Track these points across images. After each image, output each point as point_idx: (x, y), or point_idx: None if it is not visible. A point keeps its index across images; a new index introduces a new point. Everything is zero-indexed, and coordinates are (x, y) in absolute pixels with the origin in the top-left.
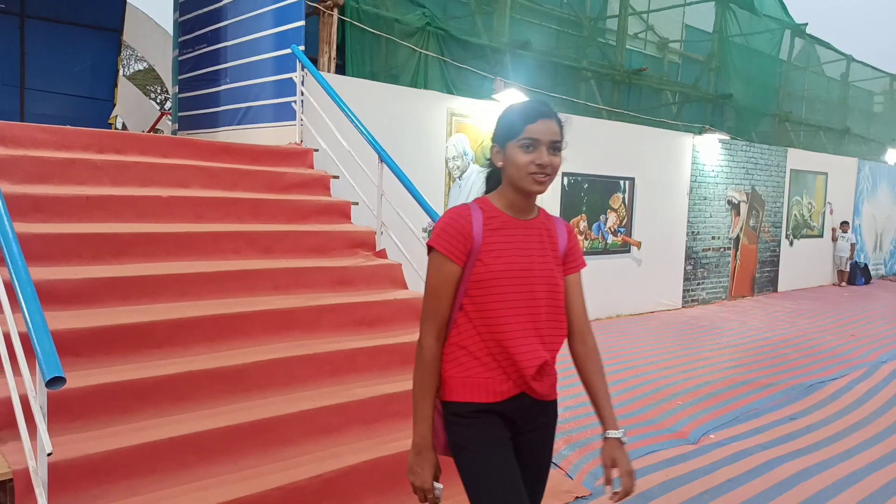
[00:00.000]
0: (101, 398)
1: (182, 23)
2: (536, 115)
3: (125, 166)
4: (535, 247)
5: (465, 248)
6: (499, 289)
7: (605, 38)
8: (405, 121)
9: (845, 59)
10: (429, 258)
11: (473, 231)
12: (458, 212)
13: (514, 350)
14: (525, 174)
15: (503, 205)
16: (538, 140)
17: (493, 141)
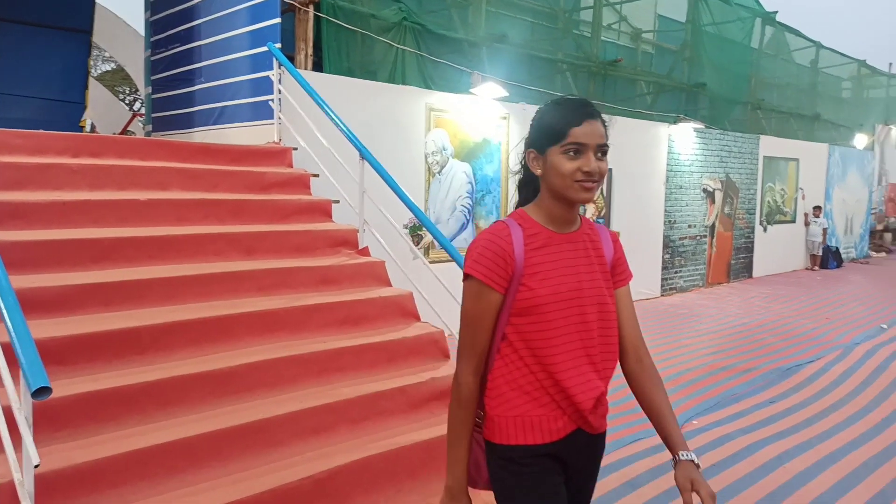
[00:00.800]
0: (88, 406)
1: (154, 22)
2: (581, 116)
3: (102, 170)
4: (581, 263)
5: (506, 273)
6: (546, 315)
7: (579, 30)
8: (384, 117)
9: (814, 45)
10: (465, 286)
11: (515, 252)
12: (496, 232)
13: (567, 382)
14: (571, 182)
15: (543, 218)
16: (585, 144)
17: (530, 147)
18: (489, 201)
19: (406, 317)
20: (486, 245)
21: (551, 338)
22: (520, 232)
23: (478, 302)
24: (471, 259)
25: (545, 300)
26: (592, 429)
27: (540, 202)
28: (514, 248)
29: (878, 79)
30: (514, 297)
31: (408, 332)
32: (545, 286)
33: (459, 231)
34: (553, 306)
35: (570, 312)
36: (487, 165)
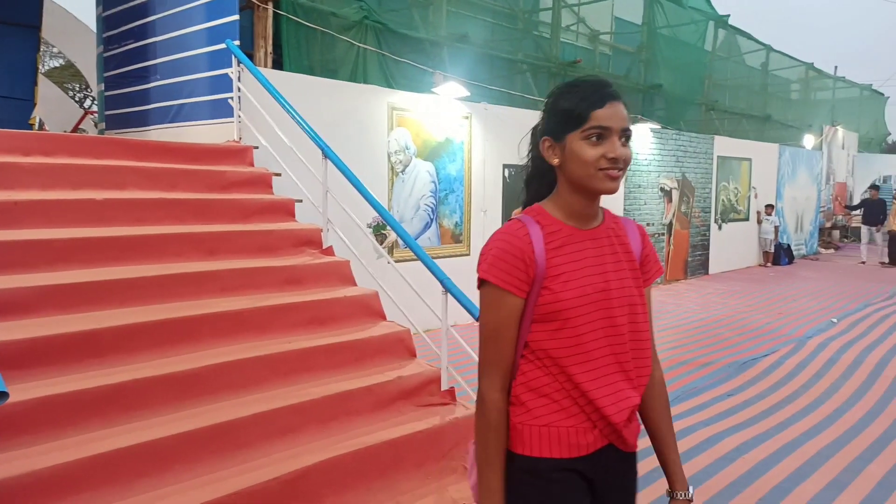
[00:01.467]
0: (47, 411)
1: (106, 18)
2: (603, 97)
3: (55, 169)
4: (608, 261)
5: (527, 275)
6: (572, 321)
7: (539, 31)
8: (346, 116)
9: (764, 48)
10: (481, 293)
11: (535, 253)
12: (512, 231)
13: (597, 394)
14: (594, 171)
15: (563, 214)
16: (608, 128)
17: (545, 134)
18: (452, 200)
19: (372, 316)
20: (502, 246)
21: (577, 345)
22: (538, 230)
23: (498, 310)
24: (486, 263)
25: (570, 304)
26: (626, 445)
27: (558, 196)
28: (535, 249)
29: (825, 81)
30: (536, 302)
31: (374, 331)
32: (569, 289)
33: (423, 230)
34: (579, 311)
35: (597, 317)
36: (450, 165)
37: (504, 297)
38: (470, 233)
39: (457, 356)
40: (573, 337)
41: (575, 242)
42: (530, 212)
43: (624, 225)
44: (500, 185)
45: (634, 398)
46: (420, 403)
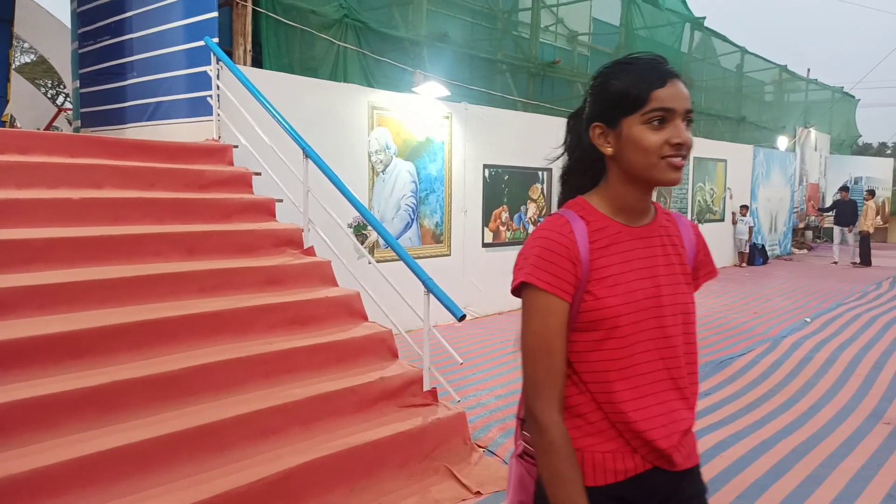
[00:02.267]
0: (25, 413)
1: (81, 13)
2: (664, 75)
3: (31, 167)
4: (660, 264)
5: (573, 276)
6: (618, 331)
7: (518, 31)
8: (326, 115)
9: (739, 50)
10: (524, 301)
11: (580, 251)
12: (554, 227)
13: (642, 415)
14: (656, 160)
15: (611, 209)
16: (672, 110)
17: (595, 119)
18: (433, 200)
19: (354, 316)
20: (544, 244)
21: (624, 358)
22: (582, 226)
23: (545, 318)
24: (527, 264)
25: (616, 311)
26: (676, 466)
27: (607, 188)
28: (579, 247)
29: (798, 83)
30: (577, 308)
31: (356, 331)
32: (616, 294)
33: (404, 230)
34: (626, 319)
35: (647, 326)
36: (431, 164)
37: (551, 302)
38: (450, 233)
39: (439, 357)
40: (619, 349)
41: (623, 241)
42: (573, 206)
43: (677, 221)
44: (481, 185)
45: (689, 419)
46: (402, 404)
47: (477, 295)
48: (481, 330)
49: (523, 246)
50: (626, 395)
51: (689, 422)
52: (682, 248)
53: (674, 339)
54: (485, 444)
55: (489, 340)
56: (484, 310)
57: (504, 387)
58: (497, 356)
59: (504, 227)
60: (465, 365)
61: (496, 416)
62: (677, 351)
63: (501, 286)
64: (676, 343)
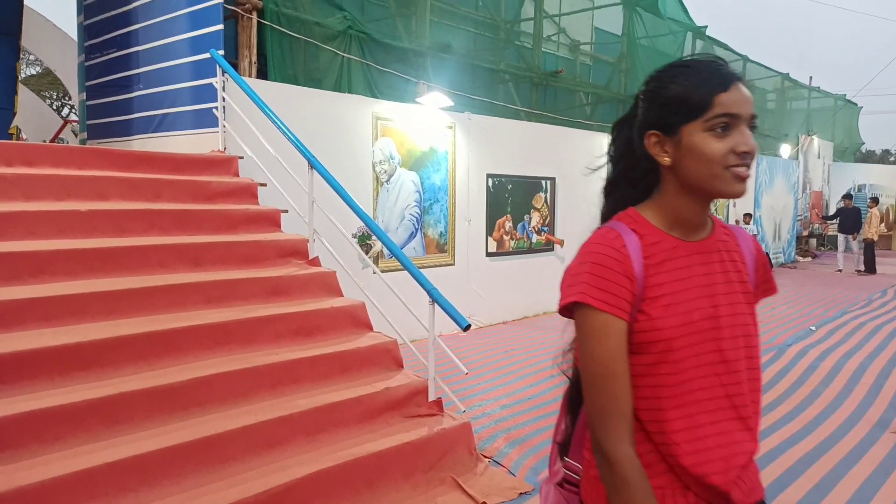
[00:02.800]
0: (30, 425)
1: (88, 26)
2: (726, 78)
3: (37, 179)
4: (718, 281)
5: (629, 293)
6: (674, 354)
7: (520, 41)
8: (330, 125)
9: (741, 59)
10: (578, 323)
11: (634, 267)
12: (605, 240)
13: (695, 446)
14: (720, 170)
15: (665, 222)
16: (737, 116)
17: (651, 127)
18: (437, 210)
19: (358, 327)
20: (597, 259)
21: (679, 384)
22: (636, 240)
23: (604, 339)
24: (579, 281)
25: (671, 334)
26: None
27: (661, 200)
28: (633, 262)
29: (800, 91)
30: (631, 328)
31: (361, 342)
32: (672, 314)
33: (408, 240)
34: (682, 342)
35: (705, 349)
36: (435, 174)
37: (609, 323)
38: (454, 242)
39: (443, 366)
40: (673, 374)
41: (680, 257)
42: (623, 218)
43: (736, 235)
44: (484, 194)
45: (752, 450)
46: (407, 414)
47: (481, 304)
48: (485, 339)
49: (571, 262)
50: (679, 424)
51: (751, 453)
52: (743, 263)
53: (735, 363)
54: (490, 455)
55: (493, 350)
56: (488, 319)
57: (509, 396)
58: (502, 366)
59: (508, 237)
60: (470, 375)
61: (501, 425)
62: (740, 377)
63: (505, 295)
64: (738, 368)
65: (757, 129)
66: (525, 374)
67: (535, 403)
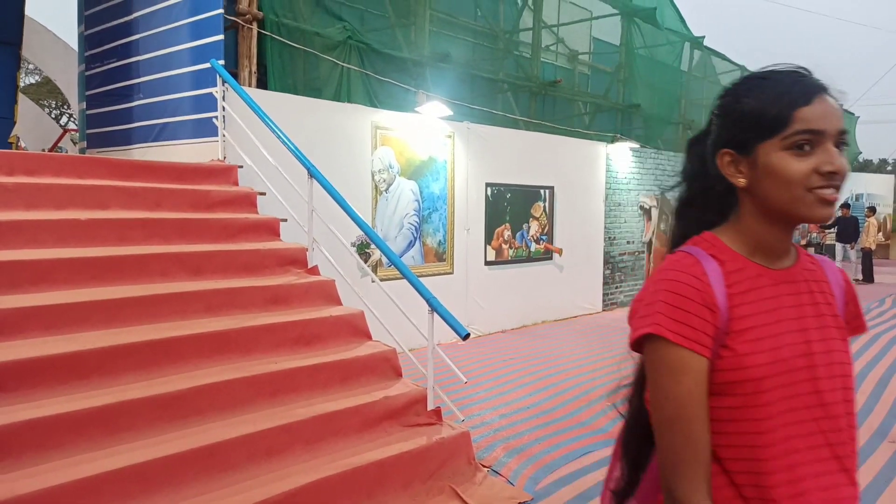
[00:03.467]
0: (32, 434)
1: (88, 36)
2: (809, 90)
3: (39, 188)
4: (808, 315)
5: (711, 326)
6: (765, 396)
7: (519, 51)
8: (330, 134)
9: (738, 69)
10: (649, 357)
11: (716, 297)
12: (683, 266)
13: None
14: (802, 192)
15: (746, 247)
16: (821, 132)
17: (724, 145)
18: (436, 219)
19: (357, 335)
20: (673, 287)
21: (772, 430)
22: (716, 267)
23: (681, 378)
24: (652, 311)
25: (762, 372)
26: None
27: (739, 224)
28: (715, 291)
29: None
30: (713, 366)
31: (360, 350)
32: (760, 350)
33: (407, 248)
34: (772, 381)
35: (799, 390)
36: (434, 183)
37: (686, 359)
38: (453, 251)
39: (442, 375)
40: (766, 419)
41: (765, 286)
42: (699, 243)
43: (823, 266)
44: (483, 203)
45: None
46: (406, 423)
47: (480, 313)
48: (484, 348)
49: (642, 290)
50: (780, 478)
51: (853, 500)
52: (832, 296)
53: (834, 406)
54: (489, 464)
55: (492, 359)
56: (487, 328)
57: (507, 406)
58: (500, 375)
59: (506, 246)
60: (469, 384)
61: (500, 435)
62: (839, 422)
63: (504, 304)
64: (837, 412)
65: None
66: (524, 384)
67: (533, 413)
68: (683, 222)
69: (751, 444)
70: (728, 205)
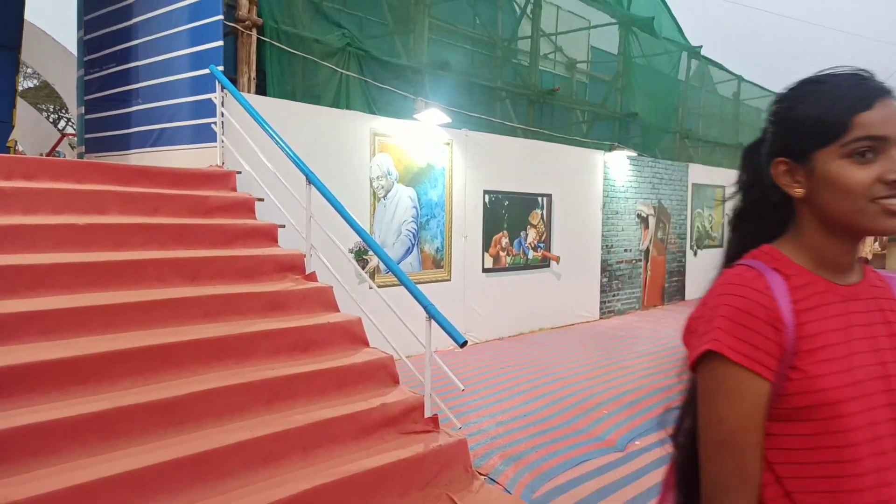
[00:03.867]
0: (27, 439)
1: (88, 41)
2: (870, 94)
3: (37, 193)
4: (881, 334)
5: (776, 346)
6: (842, 422)
7: (517, 59)
8: (328, 141)
9: (736, 78)
10: (704, 375)
11: (783, 314)
12: (745, 280)
13: None
14: (865, 203)
15: (811, 261)
16: (885, 138)
17: (779, 153)
18: (434, 226)
19: (355, 342)
20: (735, 302)
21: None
22: (780, 281)
23: (738, 400)
24: (712, 327)
25: (839, 395)
26: None
27: (799, 236)
28: (781, 307)
29: None
30: (780, 389)
31: (357, 357)
32: (834, 371)
33: (405, 255)
34: (853, 406)
35: (879, 417)
36: (432, 190)
37: (746, 381)
38: (451, 258)
39: (439, 382)
40: (846, 447)
41: (834, 303)
42: (759, 256)
43: (890, 285)
44: (481, 210)
45: None
46: (403, 431)
47: (477, 320)
48: (481, 355)
49: (698, 307)
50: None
51: None
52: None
53: None
54: (486, 472)
55: (490, 366)
56: (484, 335)
57: (505, 413)
58: (497, 382)
59: (504, 253)
60: (466, 391)
61: (497, 442)
62: None
63: (501, 312)
64: None
65: None
66: (521, 391)
67: (531, 420)
68: (739, 235)
69: (833, 474)
70: (786, 216)
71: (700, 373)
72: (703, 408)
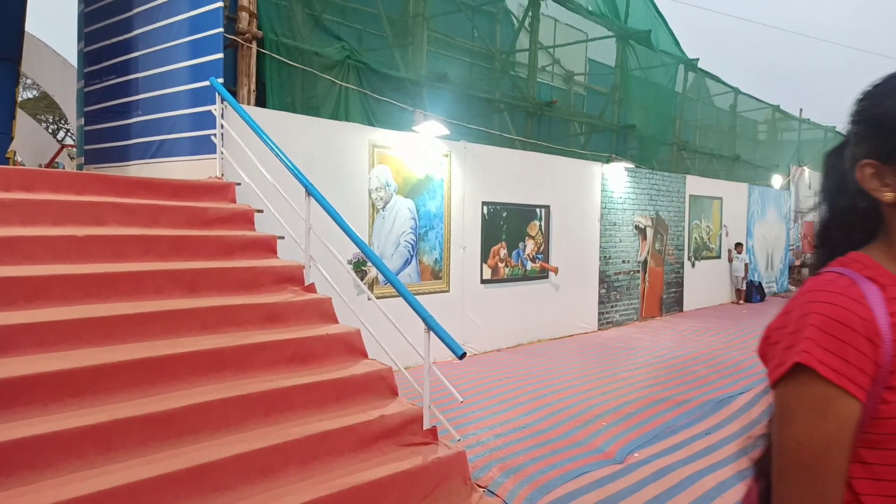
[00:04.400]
0: (23, 452)
1: (88, 53)
2: None
3: (35, 204)
4: None
5: (871, 363)
6: None
7: (515, 72)
8: (328, 152)
9: (733, 91)
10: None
11: (880, 328)
12: (839, 289)
13: None
14: None
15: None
16: None
17: (866, 155)
18: (432, 237)
19: (353, 354)
20: (829, 312)
21: None
22: (876, 292)
23: (822, 420)
24: (801, 339)
25: None
26: None
27: (891, 244)
28: (879, 322)
29: (791, 122)
30: (872, 412)
31: (355, 369)
32: None
33: (403, 266)
34: None
35: None
36: (430, 202)
37: (835, 399)
38: (449, 269)
39: (438, 394)
40: None
41: None
42: (849, 264)
43: None
44: (479, 221)
45: None
46: (402, 443)
47: (476, 331)
48: (480, 367)
49: (780, 316)
50: None
51: None
52: None
53: None
54: (485, 484)
55: (488, 378)
56: (483, 346)
57: (504, 425)
58: (496, 394)
59: (503, 264)
60: (465, 402)
61: (496, 454)
62: None
63: (500, 323)
64: None
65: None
66: (520, 403)
67: (530, 432)
68: (828, 248)
69: None
70: (875, 223)
71: (780, 388)
72: (782, 426)
